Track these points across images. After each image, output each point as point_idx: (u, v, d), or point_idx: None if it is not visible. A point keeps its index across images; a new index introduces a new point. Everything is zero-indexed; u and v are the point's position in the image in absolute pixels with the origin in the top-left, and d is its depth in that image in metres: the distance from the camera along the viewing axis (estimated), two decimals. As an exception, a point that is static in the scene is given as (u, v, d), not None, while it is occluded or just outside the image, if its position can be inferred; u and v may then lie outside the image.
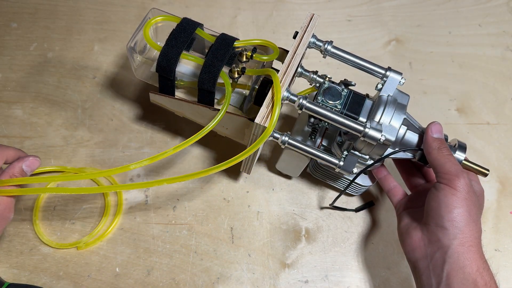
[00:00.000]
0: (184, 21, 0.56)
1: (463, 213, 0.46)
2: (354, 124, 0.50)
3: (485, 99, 0.75)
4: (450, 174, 0.48)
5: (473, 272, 0.45)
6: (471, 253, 0.46)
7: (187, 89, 0.60)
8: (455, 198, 0.47)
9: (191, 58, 0.55)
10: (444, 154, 0.50)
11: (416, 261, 0.49)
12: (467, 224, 0.46)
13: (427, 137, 0.51)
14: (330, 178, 0.62)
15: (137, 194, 0.63)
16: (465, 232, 0.46)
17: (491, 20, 0.84)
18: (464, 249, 0.46)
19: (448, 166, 0.48)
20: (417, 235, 0.50)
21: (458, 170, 0.48)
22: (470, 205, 0.47)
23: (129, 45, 0.56)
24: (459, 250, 0.46)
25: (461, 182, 0.47)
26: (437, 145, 0.50)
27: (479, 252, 0.46)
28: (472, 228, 0.47)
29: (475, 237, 0.47)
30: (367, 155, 0.54)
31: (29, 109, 0.67)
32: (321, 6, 0.83)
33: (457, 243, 0.46)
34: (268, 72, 0.52)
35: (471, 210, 0.47)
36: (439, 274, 0.46)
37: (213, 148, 0.67)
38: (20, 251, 0.58)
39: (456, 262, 0.46)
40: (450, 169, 0.48)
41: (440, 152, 0.50)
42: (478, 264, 0.45)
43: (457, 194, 0.47)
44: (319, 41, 0.55)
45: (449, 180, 0.48)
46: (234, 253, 0.60)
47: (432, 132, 0.51)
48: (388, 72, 0.54)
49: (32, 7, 0.76)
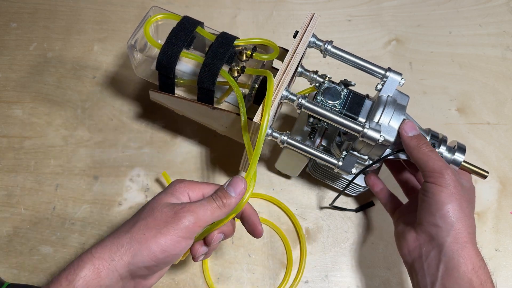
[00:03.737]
0: (184, 19, 0.56)
1: (454, 207, 0.46)
2: (353, 124, 0.50)
3: (485, 99, 0.75)
4: (434, 171, 0.47)
5: (468, 271, 0.44)
6: (466, 251, 0.45)
7: (187, 87, 0.60)
8: (443, 194, 0.46)
9: (191, 56, 0.55)
10: (425, 152, 0.49)
11: (412, 262, 0.49)
12: (459, 219, 0.46)
13: (403, 138, 0.50)
14: (329, 178, 0.62)
15: (136, 194, 0.63)
16: (457, 227, 0.46)
17: (491, 20, 0.84)
18: (459, 247, 0.45)
19: (431, 164, 0.48)
20: (411, 236, 0.49)
21: (442, 167, 0.47)
22: (459, 199, 0.47)
23: (130, 43, 0.56)
24: (453, 248, 0.45)
25: (445, 178, 0.47)
26: (415, 143, 0.49)
27: (475, 250, 0.46)
28: (465, 223, 0.46)
29: (468, 232, 0.46)
30: (366, 155, 0.54)
31: (29, 109, 0.67)
32: (321, 6, 0.83)
33: (450, 240, 0.46)
34: (265, 73, 0.51)
35: (461, 204, 0.46)
36: (434, 273, 0.46)
37: (213, 148, 0.67)
38: (20, 251, 0.58)
39: (451, 260, 0.45)
40: (433, 167, 0.48)
41: (420, 150, 0.49)
42: (473, 262, 0.45)
43: (444, 190, 0.46)
44: (319, 40, 0.55)
45: (434, 178, 0.47)
46: (234, 253, 0.60)
47: (406, 132, 0.50)
48: (388, 73, 0.54)
49: (32, 7, 0.76)
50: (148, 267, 0.40)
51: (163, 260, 0.40)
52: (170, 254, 0.40)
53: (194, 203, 0.42)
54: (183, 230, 0.40)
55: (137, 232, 0.40)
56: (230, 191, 0.44)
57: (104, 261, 0.39)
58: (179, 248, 0.41)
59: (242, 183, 0.45)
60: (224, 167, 0.66)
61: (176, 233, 0.40)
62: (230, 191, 0.44)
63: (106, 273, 0.38)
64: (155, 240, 0.39)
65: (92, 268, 0.38)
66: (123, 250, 0.39)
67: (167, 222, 0.40)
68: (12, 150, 0.64)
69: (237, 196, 0.44)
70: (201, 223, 0.41)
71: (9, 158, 0.63)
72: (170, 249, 0.40)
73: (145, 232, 0.40)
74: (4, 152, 0.64)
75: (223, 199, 0.43)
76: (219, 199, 0.43)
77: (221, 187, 0.45)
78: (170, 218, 0.41)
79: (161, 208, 0.42)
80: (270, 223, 0.62)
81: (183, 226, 0.40)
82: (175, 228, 0.40)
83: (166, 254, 0.40)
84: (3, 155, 0.64)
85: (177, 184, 0.45)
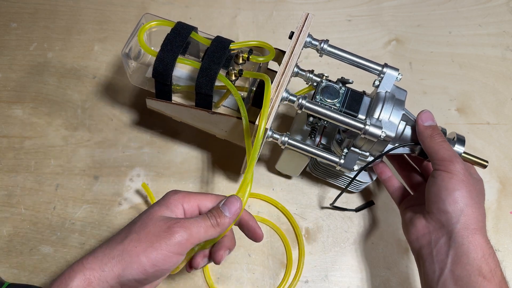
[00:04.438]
0: (178, 25, 0.55)
1: (464, 194, 0.46)
2: (354, 121, 0.50)
3: (485, 99, 0.75)
4: (444, 160, 0.48)
5: (478, 258, 0.44)
6: (476, 237, 0.45)
7: (184, 93, 0.60)
8: (453, 181, 0.47)
9: (188, 62, 0.54)
10: (437, 141, 0.50)
11: (420, 249, 0.49)
12: (469, 205, 0.46)
13: (418, 127, 0.52)
14: (330, 176, 0.62)
15: (137, 194, 0.63)
16: (467, 213, 0.46)
17: (491, 20, 0.84)
18: (468, 233, 0.45)
19: (442, 153, 0.49)
20: (421, 223, 0.50)
21: (452, 156, 0.48)
22: (469, 186, 0.47)
23: (124, 52, 0.55)
24: (463, 234, 0.45)
25: (456, 166, 0.48)
26: (429, 133, 0.51)
27: (484, 237, 0.46)
28: (475, 210, 0.46)
29: (478, 220, 0.46)
30: (367, 152, 0.54)
31: (29, 109, 0.67)
32: (321, 6, 0.83)
33: (460, 227, 0.46)
34: (262, 77, 0.51)
35: (471, 192, 0.47)
36: (443, 259, 0.46)
37: (212, 149, 0.67)
38: (20, 251, 0.58)
39: (460, 247, 0.45)
40: (444, 155, 0.48)
41: (433, 140, 0.50)
42: (483, 250, 0.45)
43: (454, 177, 0.47)
44: (315, 40, 0.55)
45: (444, 166, 0.48)
46: (234, 253, 0.60)
47: (422, 121, 0.52)
48: (385, 69, 0.54)
49: (32, 7, 0.76)
50: (138, 280, 0.40)
51: (153, 274, 0.40)
52: (160, 268, 0.40)
53: (188, 220, 0.42)
54: (175, 246, 0.40)
55: (129, 244, 0.40)
56: (225, 210, 0.44)
57: (95, 272, 0.39)
58: (170, 263, 0.41)
59: (237, 202, 0.45)
60: (224, 168, 0.66)
61: (167, 248, 0.40)
62: (225, 210, 0.44)
63: (97, 284, 0.39)
64: (146, 254, 0.39)
65: (83, 279, 0.38)
66: (114, 262, 0.39)
67: (160, 236, 0.40)
68: (12, 150, 0.64)
69: (231, 216, 0.44)
70: (193, 240, 0.41)
71: (9, 158, 0.64)
72: (160, 263, 0.40)
73: (136, 245, 0.40)
74: (4, 152, 0.64)
75: (218, 218, 0.43)
76: (213, 218, 0.43)
77: (217, 206, 0.45)
78: (163, 232, 0.40)
79: (154, 221, 0.41)
80: (270, 222, 0.62)
81: (175, 242, 0.40)
82: (167, 243, 0.40)
83: (156, 269, 0.40)
84: (3, 155, 0.64)
85: (171, 196, 0.45)
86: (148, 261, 0.39)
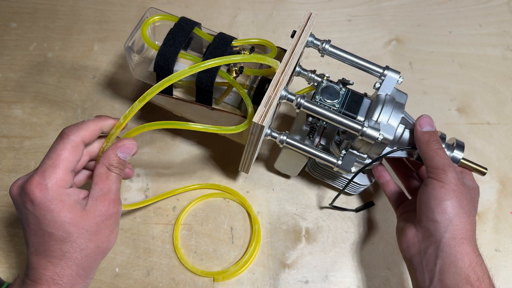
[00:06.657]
0: (182, 20, 0.56)
1: (453, 204, 0.46)
2: (352, 123, 0.50)
3: (485, 99, 0.75)
4: (437, 168, 0.48)
5: (465, 267, 0.45)
6: (463, 247, 0.45)
7: (185, 88, 0.60)
8: (443, 190, 0.47)
9: (189, 57, 0.55)
10: (433, 148, 0.49)
11: (411, 258, 0.49)
12: (458, 215, 0.46)
13: (416, 132, 0.51)
14: (329, 177, 0.62)
15: (136, 194, 0.63)
16: (455, 223, 0.46)
17: (492, 20, 0.83)
18: (456, 242, 0.45)
19: (436, 160, 0.49)
20: (411, 232, 0.50)
21: (445, 164, 0.48)
22: (459, 196, 0.47)
23: (127, 45, 0.56)
24: (450, 243, 0.45)
25: (448, 175, 0.47)
26: (426, 139, 0.50)
27: (472, 246, 0.46)
28: (464, 220, 0.46)
29: (467, 229, 0.46)
30: (365, 154, 0.54)
31: (28, 109, 0.67)
32: (321, 5, 0.83)
33: (448, 236, 0.46)
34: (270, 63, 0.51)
35: (461, 202, 0.47)
36: (432, 269, 0.46)
37: (213, 148, 0.67)
38: (20, 251, 0.58)
39: (448, 256, 0.45)
40: (437, 163, 0.48)
41: (429, 146, 0.50)
42: (470, 259, 0.45)
43: (445, 187, 0.47)
44: (317, 40, 0.55)
45: (437, 174, 0.48)
46: (234, 253, 0.60)
47: (421, 126, 0.51)
48: (386, 71, 0.54)
49: (32, 7, 0.76)
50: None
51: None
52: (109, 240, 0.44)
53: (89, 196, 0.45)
54: (102, 216, 0.43)
55: (84, 260, 0.42)
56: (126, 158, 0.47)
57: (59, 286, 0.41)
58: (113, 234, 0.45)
59: (134, 146, 0.48)
60: (223, 167, 0.66)
61: (96, 220, 0.43)
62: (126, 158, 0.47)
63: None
64: (100, 248, 0.43)
65: None
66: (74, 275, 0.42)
67: (98, 226, 0.43)
68: (12, 150, 0.64)
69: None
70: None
71: (9, 158, 0.64)
72: (106, 239, 0.44)
73: (88, 257, 0.42)
74: (4, 152, 0.64)
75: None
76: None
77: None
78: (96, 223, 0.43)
79: (76, 230, 0.41)
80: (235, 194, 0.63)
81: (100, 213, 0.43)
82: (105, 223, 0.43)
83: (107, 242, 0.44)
84: (3, 155, 0.64)
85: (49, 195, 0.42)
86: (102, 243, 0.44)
